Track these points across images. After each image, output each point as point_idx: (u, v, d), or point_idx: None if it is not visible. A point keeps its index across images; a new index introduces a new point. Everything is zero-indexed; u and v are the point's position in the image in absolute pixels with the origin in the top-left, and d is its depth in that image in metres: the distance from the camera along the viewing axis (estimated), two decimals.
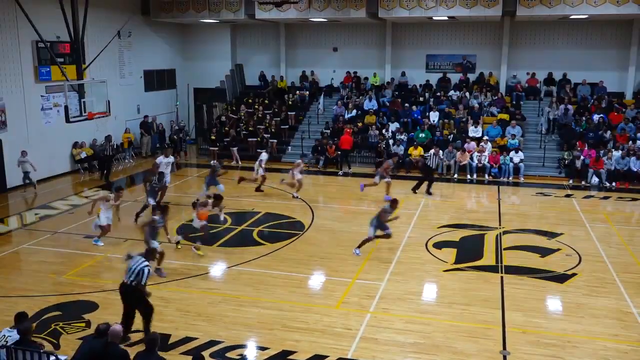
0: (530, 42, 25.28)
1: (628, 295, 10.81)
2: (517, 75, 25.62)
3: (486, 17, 23.24)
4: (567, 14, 21.78)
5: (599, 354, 8.73)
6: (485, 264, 12.52)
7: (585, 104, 23.63)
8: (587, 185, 19.92)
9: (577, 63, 24.78)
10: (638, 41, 23.89)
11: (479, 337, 9.24)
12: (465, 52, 26.42)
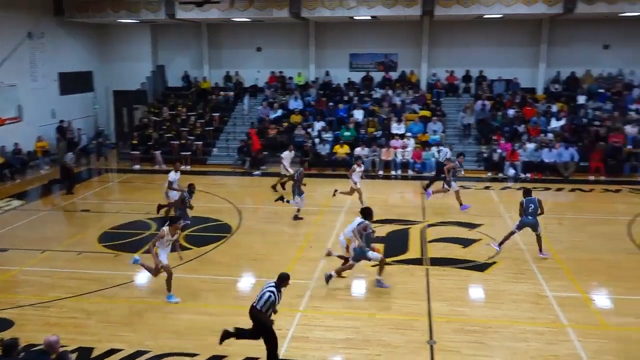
0: (449, 41, 26.12)
1: (543, 280, 11.39)
2: (436, 73, 26.42)
3: (406, 17, 23.81)
4: (482, 14, 22.67)
5: (518, 337, 9.14)
6: (411, 257, 12.84)
7: (501, 99, 24.69)
8: (504, 177, 20.81)
9: (493, 60, 25.83)
10: (547, 39, 25.19)
11: (406, 329, 9.47)
12: (387, 51, 26.98)
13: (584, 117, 23.26)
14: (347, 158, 22.03)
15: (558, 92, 25.15)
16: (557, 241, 13.81)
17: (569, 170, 20.78)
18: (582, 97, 24.35)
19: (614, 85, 24.72)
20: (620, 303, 10.48)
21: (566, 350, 8.72)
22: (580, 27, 24.83)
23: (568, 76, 25.44)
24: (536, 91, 25.67)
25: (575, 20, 24.27)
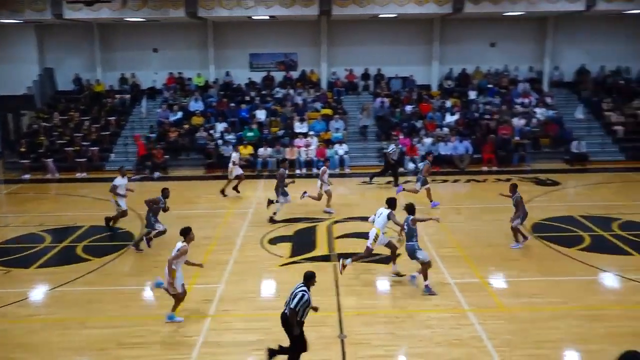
0: (347, 40, 26.62)
1: (445, 268, 11.88)
2: (336, 71, 26.87)
3: (304, 16, 24.01)
4: (377, 13, 23.32)
5: (424, 324, 9.48)
6: (319, 254, 12.96)
7: (399, 96, 25.51)
8: (405, 171, 21.51)
9: (389, 59, 26.63)
10: (439, 37, 26.32)
11: (317, 325, 9.52)
12: (288, 51, 27.09)
13: (476, 112, 24.56)
14: (252, 158, 21.89)
15: (451, 88, 26.38)
16: (457, 230, 14.46)
17: (464, 162, 21.83)
18: (473, 93, 25.69)
19: (501, 80, 26.28)
20: (515, 285, 11.13)
21: (468, 334, 9.14)
22: (468, 26, 26.17)
23: (459, 73, 26.75)
24: (431, 88, 26.77)
25: (464, 20, 25.55)
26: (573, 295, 10.54)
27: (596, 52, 26.36)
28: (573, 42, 26.51)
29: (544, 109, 24.47)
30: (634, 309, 9.93)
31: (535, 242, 13.60)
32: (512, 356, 8.46)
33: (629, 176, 20.16)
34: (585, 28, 26.17)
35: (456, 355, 8.54)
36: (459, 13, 23.21)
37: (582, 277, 11.42)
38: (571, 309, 9.97)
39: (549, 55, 26.49)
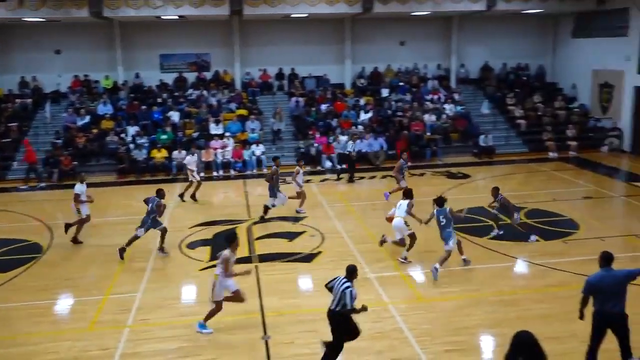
0: (260, 40, 26.50)
1: (365, 263, 12.08)
2: (250, 72, 26.69)
3: (215, 16, 23.67)
4: (288, 13, 23.35)
5: None
6: (240, 256, 12.77)
7: (313, 95, 25.69)
8: (322, 169, 21.71)
9: (303, 58, 26.77)
10: (351, 37, 26.74)
11: (241, 328, 9.44)
12: (200, 51, 26.63)
13: (389, 109, 25.17)
14: (166, 162, 21.34)
15: (364, 86, 26.89)
16: (374, 225, 14.73)
17: (379, 158, 22.31)
18: (385, 91, 26.33)
19: (411, 78, 27.08)
20: (432, 276, 11.48)
21: (390, 326, 9.35)
22: (379, 25, 26.77)
23: (372, 71, 27.31)
24: (345, 86, 27.16)
25: (374, 19, 26.10)
26: (486, 283, 11.02)
27: (498, 50, 27.77)
28: (476, 41, 27.77)
29: (453, 105, 25.49)
30: (542, 292, 10.52)
31: None
32: (433, 345, 8.73)
33: (532, 167, 21.34)
34: (487, 27, 27.49)
35: (379, 348, 8.71)
36: (368, 13, 23.69)
37: (494, 264, 11.97)
38: (485, 295, 10.43)
39: (455, 53, 27.59)
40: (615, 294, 7.38)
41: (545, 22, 28.04)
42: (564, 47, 27.60)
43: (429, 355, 8.45)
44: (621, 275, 7.47)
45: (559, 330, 9.02)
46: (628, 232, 13.85)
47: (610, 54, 24.05)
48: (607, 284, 7.39)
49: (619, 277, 7.42)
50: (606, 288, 7.39)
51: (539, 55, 28.46)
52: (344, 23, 26.48)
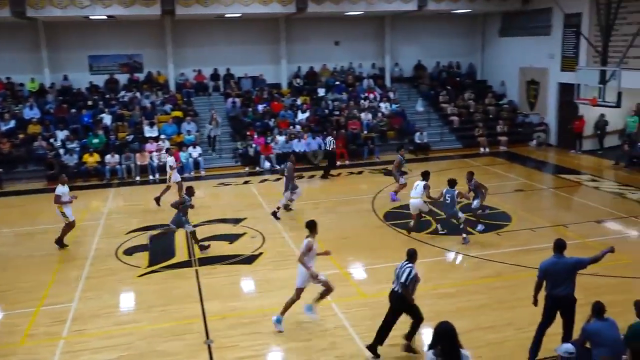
0: (194, 40, 26.07)
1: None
2: (184, 72, 26.23)
3: (146, 16, 23.10)
4: (222, 13, 23.08)
5: (290, 320, 9.51)
6: (179, 261, 12.58)
7: (250, 96, 25.52)
8: (261, 170, 21.60)
9: (238, 58, 26.53)
10: (286, 37, 26.72)
11: (182, 334, 9.27)
12: (131, 52, 25.95)
13: (325, 108, 25.32)
14: (99, 167, 20.66)
15: (300, 86, 26.93)
16: None
17: (317, 158, 22.40)
18: (321, 90, 26.46)
19: (347, 77, 27.35)
20: (372, 272, 11.67)
21: (333, 324, 9.41)
22: (313, 25, 26.87)
23: (307, 71, 27.39)
24: (281, 86, 27.11)
25: (309, 19, 26.17)
26: (425, 277, 11.19)
27: (431, 49, 28.45)
28: (409, 40, 28.34)
29: (388, 103, 25.92)
30: (478, 284, 10.85)
31: (388, 230, 14.36)
32: None
33: (466, 162, 21.98)
34: (420, 26, 28.10)
35: (323, 346, 8.75)
36: (302, 13, 23.74)
37: (433, 258, 12.25)
38: (424, 289, 10.60)
39: (389, 53, 28.06)
40: (565, 279, 7.80)
41: (474, 22, 28.95)
42: (492, 45, 28.59)
43: None
44: (571, 262, 7.87)
45: (495, 320, 9.33)
46: (557, 222, 14.49)
47: (536, 52, 25.09)
48: (558, 269, 7.81)
49: (569, 264, 7.84)
50: (557, 273, 7.81)
51: (470, 54, 29.36)
52: (279, 23, 26.43)
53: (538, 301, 8.09)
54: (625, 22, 19.83)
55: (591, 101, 17.04)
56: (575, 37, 22.75)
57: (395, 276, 8.34)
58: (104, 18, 22.95)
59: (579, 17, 22.29)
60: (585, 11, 22.03)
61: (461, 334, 8.85)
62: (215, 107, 24.77)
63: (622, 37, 19.78)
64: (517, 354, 8.25)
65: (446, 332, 5.60)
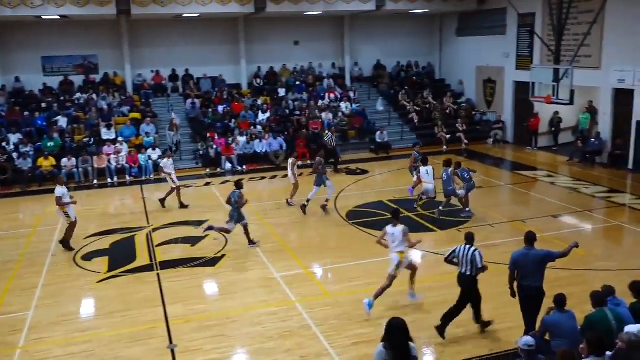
0: (151, 41, 25.68)
1: (270, 263, 12.08)
2: (142, 73, 25.80)
3: (101, 16, 22.63)
4: (180, 13, 22.79)
5: (254, 321, 9.54)
6: (140, 265, 12.38)
7: (209, 96, 25.27)
8: (223, 171, 21.42)
9: (197, 59, 26.23)
10: (245, 37, 26.56)
11: (144, 339, 9.12)
12: (86, 53, 25.37)
13: (286, 108, 25.28)
14: (55, 171, 20.12)
15: (261, 86, 26.82)
16: (277, 225, 14.78)
17: (279, 158, 22.33)
18: (282, 90, 26.41)
19: (307, 77, 27.37)
20: (336, 271, 11.71)
21: (298, 324, 9.40)
22: (273, 25, 26.78)
23: (268, 71, 27.31)
24: (241, 87, 26.94)
25: (268, 19, 26.09)
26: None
27: (390, 48, 28.72)
28: (369, 40, 28.55)
29: (348, 103, 26.05)
30: (440, 280, 10.99)
31: (350, 228, 14.43)
32: (340, 339, 8.88)
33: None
34: (379, 26, 28.32)
35: (288, 346, 8.73)
36: (261, 13, 23.65)
37: None
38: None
39: (349, 52, 28.21)
40: (534, 271, 8.09)
41: (431, 22, 29.36)
42: (450, 45, 29.04)
43: (336, 349, 8.59)
44: (541, 254, 8.15)
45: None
46: (515, 218, 14.81)
47: (492, 51, 25.62)
48: (528, 261, 8.10)
49: (539, 256, 8.12)
50: (526, 264, 8.10)
51: (428, 54, 29.76)
52: (238, 23, 26.25)
53: (515, 292, 8.34)
54: (577, 21, 20.45)
55: (545, 99, 17.45)
56: (529, 36, 23.33)
57: (465, 261, 8.60)
58: (57, 18, 22.38)
59: (532, 17, 22.86)
60: (538, 11, 22.62)
61: (426, 330, 9.03)
62: (174, 108, 24.50)
63: (574, 36, 20.39)
64: (479, 348, 8.41)
65: (396, 326, 5.86)
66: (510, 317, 9.16)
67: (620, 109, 19.86)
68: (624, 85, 19.37)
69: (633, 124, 19.13)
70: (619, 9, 19.06)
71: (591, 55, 20.31)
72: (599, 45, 20.03)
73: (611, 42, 19.65)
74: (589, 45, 19.77)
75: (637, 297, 7.43)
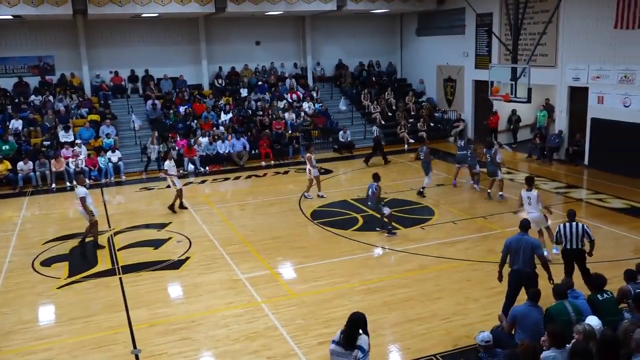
0: (109, 41, 25.20)
1: (235, 265, 12.00)
2: (100, 74, 25.30)
3: (57, 16, 22.08)
4: (138, 13, 22.40)
5: (220, 323, 9.46)
6: (102, 270, 12.14)
7: (170, 97, 24.95)
8: (185, 172, 21.17)
9: (157, 59, 25.86)
10: (205, 37, 26.31)
11: (108, 345, 8.95)
12: (42, 53, 24.72)
13: (249, 109, 25.15)
14: (10, 175, 19.55)
15: (222, 87, 26.61)
16: (242, 226, 14.69)
17: (242, 159, 22.21)
18: (244, 90, 26.26)
19: (269, 77, 27.29)
20: (301, 271, 11.70)
21: (264, 325, 9.37)
22: (234, 25, 26.62)
23: (229, 71, 27.11)
24: (203, 87, 26.68)
25: (229, 19, 25.90)
26: (353, 273, 11.43)
27: (352, 48, 28.88)
28: (330, 39, 28.64)
29: (311, 103, 26.07)
30: (404, 277, 11.12)
31: (316, 227, 14.47)
32: (306, 339, 8.89)
33: (389, 159, 22.40)
34: (340, 26, 28.45)
35: (254, 348, 8.69)
36: (222, 12, 23.46)
37: (360, 255, 12.44)
38: (353, 285, 10.81)
39: (310, 52, 28.23)
40: (526, 256, 8.51)
41: (392, 22, 29.62)
42: (411, 45, 29.36)
43: (303, 349, 8.60)
44: (532, 241, 8.68)
45: (421, 312, 9.60)
46: (477, 215, 15.07)
47: (451, 50, 26.01)
48: (520, 246, 8.54)
49: (530, 242, 8.61)
50: (519, 250, 8.53)
51: (389, 53, 30.03)
52: (198, 23, 25.99)
53: (502, 276, 8.78)
54: (533, 21, 20.96)
55: (504, 97, 17.79)
56: (487, 36, 23.78)
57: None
58: (10, 18, 21.73)
59: (490, 17, 23.29)
60: (495, 11, 23.07)
61: (390, 327, 9.12)
62: (134, 109, 24.09)
63: (530, 35, 20.89)
64: (443, 344, 8.53)
65: (353, 319, 6.06)
66: (472, 312, 9.34)
67: (576, 107, 20.43)
68: (578, 83, 19.92)
69: (588, 121, 19.69)
70: (573, 8, 19.60)
71: (547, 54, 20.84)
72: (555, 44, 20.57)
73: (566, 41, 20.19)
74: (545, 44, 20.30)
75: (593, 290, 7.67)
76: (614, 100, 18.65)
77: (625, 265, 9.00)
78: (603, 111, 19.08)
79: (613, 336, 5.70)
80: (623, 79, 18.25)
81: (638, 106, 17.89)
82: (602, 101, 19.13)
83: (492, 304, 9.45)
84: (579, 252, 9.48)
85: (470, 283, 10.65)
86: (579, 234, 9.39)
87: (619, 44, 18.21)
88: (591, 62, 19.27)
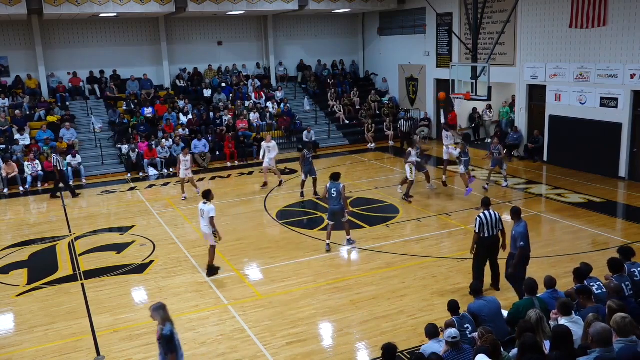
0: (67, 41, 24.62)
1: (200, 267, 11.86)
2: (58, 75, 24.69)
3: (10, 16, 21.46)
4: (96, 12, 21.91)
5: (186, 327, 9.32)
6: (63, 276, 11.85)
7: (133, 99, 24.51)
8: (145, 175, 20.83)
9: (117, 60, 25.36)
10: (166, 37, 25.95)
11: (70, 352, 8.75)
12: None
13: (211, 110, 24.89)
14: None
15: (185, 87, 26.27)
16: None
17: (206, 160, 21.99)
18: (207, 91, 25.99)
19: (232, 78, 27.08)
20: (268, 272, 11.65)
21: (231, 327, 9.30)
22: (195, 25, 26.34)
23: (191, 72, 26.80)
24: (164, 88, 26.29)
25: (190, 19, 25.62)
26: (320, 272, 11.44)
27: (315, 48, 28.91)
28: (293, 39, 28.61)
29: (275, 103, 25.98)
30: (370, 275, 11.19)
31: (281, 228, 14.43)
32: (274, 340, 8.85)
33: (354, 158, 22.55)
34: (303, 26, 28.45)
35: (222, 350, 8.62)
36: (182, 12, 23.18)
37: (326, 254, 12.45)
38: (319, 285, 10.82)
39: (273, 52, 28.13)
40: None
41: (354, 21, 29.76)
42: (373, 44, 29.55)
43: (271, 350, 8.56)
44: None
45: (388, 309, 9.67)
46: (441, 212, 15.26)
47: (413, 50, 26.29)
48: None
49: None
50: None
51: (352, 52, 30.16)
52: (159, 23, 25.62)
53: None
54: (492, 21, 21.35)
55: (465, 96, 18.05)
56: (448, 35, 24.11)
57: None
58: None
59: (450, 17, 23.62)
60: (455, 11, 23.39)
61: (358, 325, 9.16)
62: (94, 111, 23.60)
63: (490, 35, 21.28)
64: (410, 340, 8.60)
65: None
66: (438, 308, 9.45)
67: (535, 104, 20.89)
68: (537, 81, 20.37)
69: (546, 118, 20.16)
70: (531, 8, 20.03)
71: (506, 53, 21.25)
72: (513, 43, 20.98)
73: (524, 40, 20.62)
74: (504, 43, 20.70)
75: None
76: (571, 98, 19.14)
77: (583, 258, 9.24)
78: (560, 108, 19.56)
79: (566, 330, 5.81)
80: (579, 76, 18.74)
81: (593, 103, 18.41)
82: (559, 99, 19.61)
83: (457, 300, 9.57)
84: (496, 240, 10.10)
85: (435, 279, 10.78)
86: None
87: (574, 43, 18.71)
88: (548, 61, 19.73)
